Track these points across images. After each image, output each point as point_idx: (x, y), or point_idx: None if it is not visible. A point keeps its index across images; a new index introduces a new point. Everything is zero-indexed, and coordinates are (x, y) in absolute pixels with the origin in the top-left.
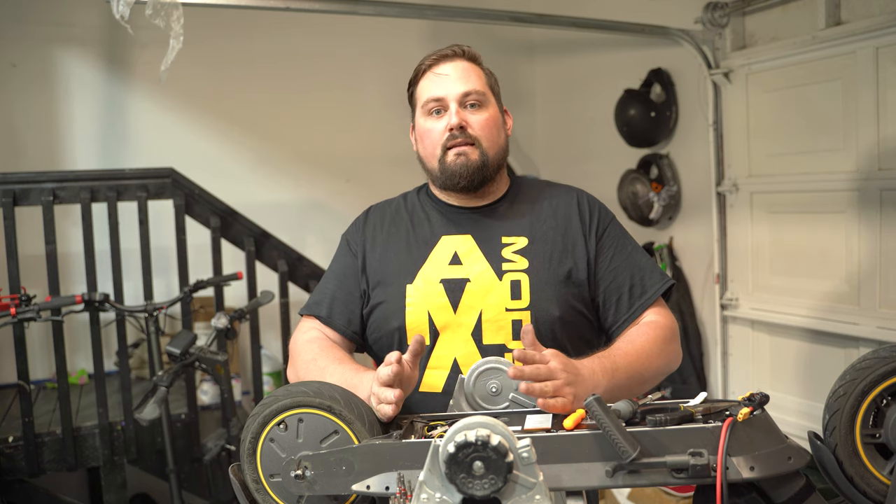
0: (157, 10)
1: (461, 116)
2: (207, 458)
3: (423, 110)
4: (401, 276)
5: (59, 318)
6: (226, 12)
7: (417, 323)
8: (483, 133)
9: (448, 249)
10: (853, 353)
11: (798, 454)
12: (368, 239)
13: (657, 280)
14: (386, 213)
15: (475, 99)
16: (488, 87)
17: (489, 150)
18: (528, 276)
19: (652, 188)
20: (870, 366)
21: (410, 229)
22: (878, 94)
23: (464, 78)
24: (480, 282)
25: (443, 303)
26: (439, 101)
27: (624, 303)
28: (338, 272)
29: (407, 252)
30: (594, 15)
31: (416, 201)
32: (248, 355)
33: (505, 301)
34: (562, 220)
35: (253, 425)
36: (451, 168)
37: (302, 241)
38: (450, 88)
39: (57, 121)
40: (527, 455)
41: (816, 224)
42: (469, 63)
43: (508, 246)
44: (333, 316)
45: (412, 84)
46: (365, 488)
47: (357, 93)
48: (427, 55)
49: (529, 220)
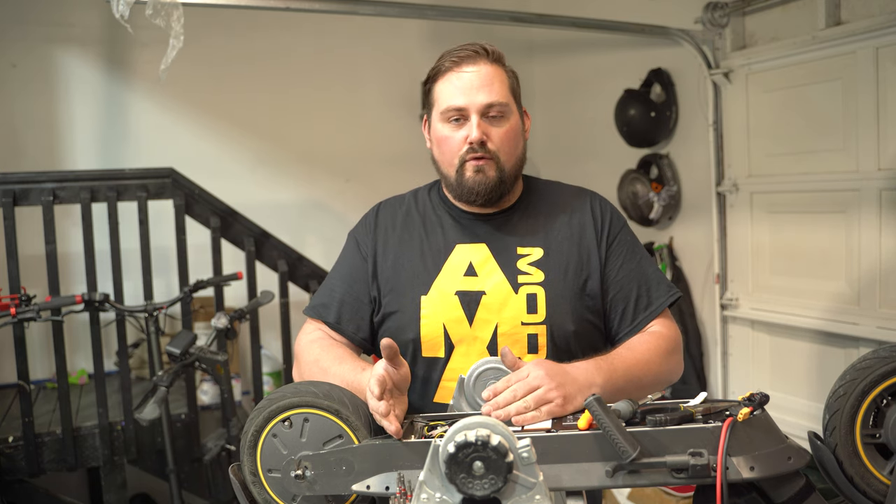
0: (157, 9)
1: (482, 130)
2: (207, 458)
3: (441, 116)
4: (415, 286)
5: (59, 318)
6: (226, 12)
7: (432, 336)
8: (503, 147)
9: (463, 259)
10: (853, 353)
11: (798, 454)
12: (380, 242)
13: (664, 292)
14: (397, 214)
15: (498, 111)
16: (510, 91)
17: (506, 164)
18: (544, 289)
19: (652, 188)
20: (870, 366)
21: (424, 235)
22: (878, 94)
23: (487, 86)
24: (496, 295)
25: (458, 315)
26: (461, 110)
27: (629, 313)
28: (346, 274)
29: (421, 261)
30: (594, 15)
31: (428, 202)
32: (248, 355)
33: (521, 315)
34: (576, 228)
35: (258, 418)
36: (469, 184)
37: (302, 241)
38: (472, 98)
39: (57, 121)
40: (527, 455)
41: (816, 224)
42: (493, 66)
43: (524, 257)
44: (342, 322)
45: (430, 81)
46: (365, 488)
47: (357, 92)
48: (449, 51)
49: (544, 230)
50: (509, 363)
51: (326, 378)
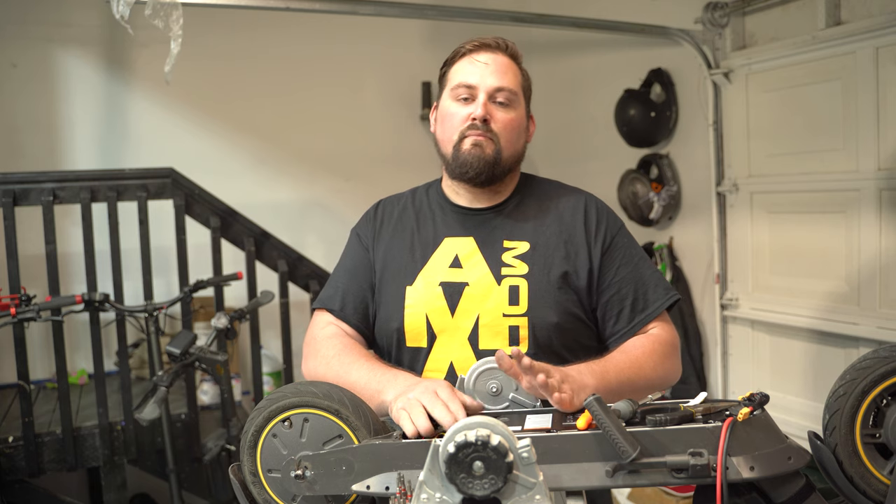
0: (157, 10)
1: (487, 110)
2: (207, 458)
3: (451, 93)
4: (401, 276)
5: (59, 318)
6: (226, 12)
7: (415, 325)
8: (504, 132)
9: (450, 252)
10: (853, 353)
11: (798, 454)
12: (378, 235)
13: (661, 295)
14: (395, 209)
15: (506, 97)
16: (521, 88)
17: (505, 150)
18: (527, 281)
19: (652, 188)
20: (870, 366)
21: (415, 228)
22: (878, 94)
23: (500, 72)
24: (479, 286)
25: (441, 306)
26: (470, 88)
27: (625, 316)
28: (349, 267)
29: (409, 252)
30: (594, 15)
31: (425, 198)
32: (248, 355)
33: (502, 307)
34: (567, 226)
35: (258, 418)
36: (464, 156)
37: (302, 241)
38: (484, 79)
39: (57, 121)
40: (527, 455)
41: (816, 224)
42: (509, 60)
43: (510, 250)
44: (346, 310)
45: (447, 65)
46: (365, 488)
47: (357, 92)
48: (468, 39)
49: (533, 225)
50: (506, 367)
51: (349, 374)
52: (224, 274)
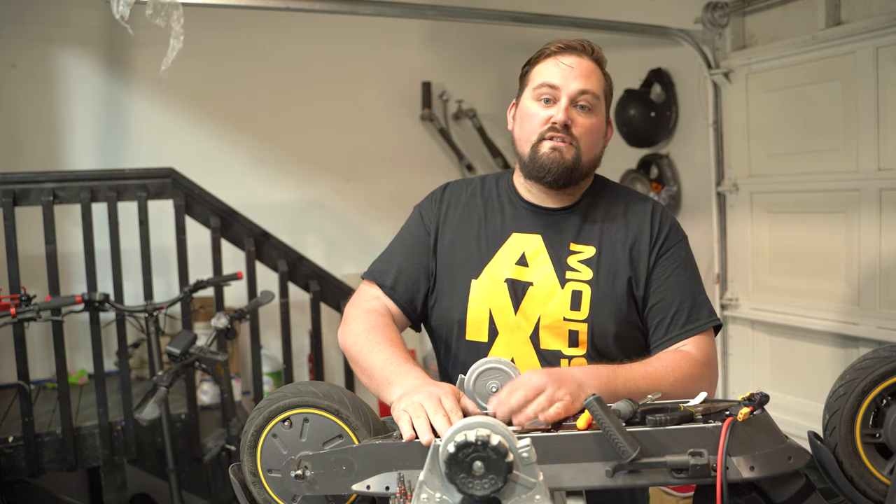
0: (157, 10)
1: (568, 114)
2: (207, 458)
3: (533, 93)
4: (467, 268)
5: (59, 318)
6: (226, 12)
7: (478, 319)
8: (585, 137)
9: (517, 248)
10: (853, 353)
11: (798, 454)
12: (443, 219)
13: (704, 315)
14: (462, 196)
15: (588, 101)
16: (604, 93)
17: (585, 155)
18: (590, 287)
19: (652, 188)
20: (870, 366)
21: (483, 219)
22: (878, 94)
23: (584, 76)
24: (542, 287)
25: (505, 303)
26: (553, 88)
27: (663, 326)
28: (409, 244)
29: (476, 244)
30: (594, 15)
31: (494, 189)
32: (248, 355)
33: (564, 310)
34: (633, 232)
35: (258, 418)
36: (542, 160)
37: (302, 241)
38: (568, 81)
39: (57, 121)
40: (527, 455)
41: (816, 224)
42: (594, 64)
43: (576, 254)
44: (398, 289)
45: (529, 64)
46: (365, 488)
47: (357, 93)
48: (554, 40)
49: (600, 230)
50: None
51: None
52: (224, 274)
